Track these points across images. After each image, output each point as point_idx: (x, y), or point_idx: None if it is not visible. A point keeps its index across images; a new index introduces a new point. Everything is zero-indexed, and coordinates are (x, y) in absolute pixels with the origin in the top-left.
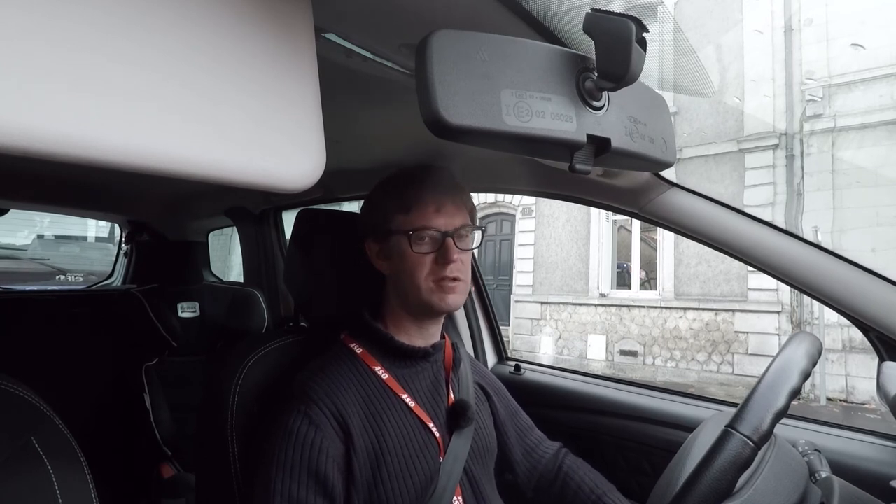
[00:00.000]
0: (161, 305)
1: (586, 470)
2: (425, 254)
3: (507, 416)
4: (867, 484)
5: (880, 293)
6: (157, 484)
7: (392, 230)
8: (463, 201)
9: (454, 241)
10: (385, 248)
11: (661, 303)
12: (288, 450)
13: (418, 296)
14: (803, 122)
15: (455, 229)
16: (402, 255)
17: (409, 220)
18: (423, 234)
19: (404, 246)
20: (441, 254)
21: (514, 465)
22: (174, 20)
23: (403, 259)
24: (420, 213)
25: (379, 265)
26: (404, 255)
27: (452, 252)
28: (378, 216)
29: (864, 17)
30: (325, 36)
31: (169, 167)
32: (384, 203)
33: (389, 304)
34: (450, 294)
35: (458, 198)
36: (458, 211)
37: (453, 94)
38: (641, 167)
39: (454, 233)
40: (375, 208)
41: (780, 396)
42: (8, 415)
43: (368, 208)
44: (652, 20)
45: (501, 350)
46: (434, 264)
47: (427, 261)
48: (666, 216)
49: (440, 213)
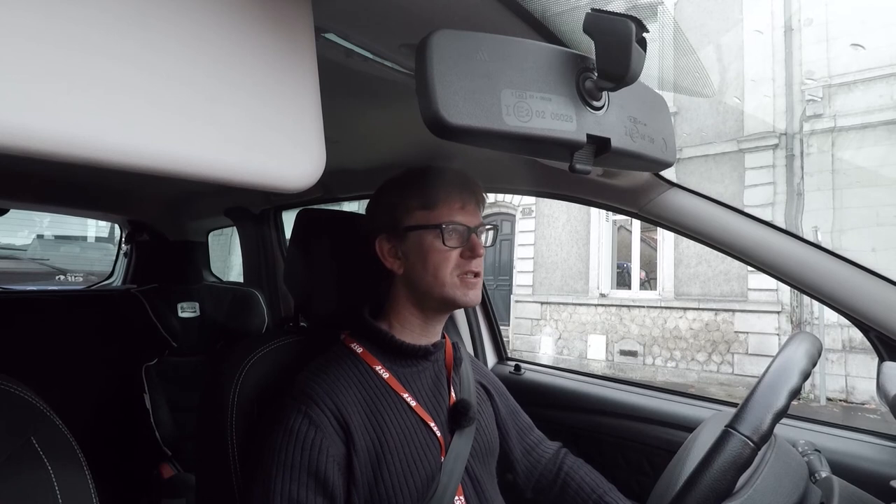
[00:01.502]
0: (161, 305)
1: (587, 470)
2: (453, 248)
3: (507, 415)
4: (867, 484)
5: (880, 293)
6: (157, 484)
7: (412, 226)
8: (481, 202)
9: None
10: (400, 245)
11: (661, 303)
12: (288, 450)
13: (441, 291)
14: (803, 122)
15: (476, 226)
16: (426, 251)
17: (436, 215)
18: (453, 229)
19: (429, 241)
20: (469, 248)
21: (513, 464)
22: (174, 20)
23: (427, 254)
24: (447, 209)
25: (390, 263)
26: (429, 250)
27: (479, 246)
28: (394, 213)
29: (864, 17)
30: (325, 36)
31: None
32: (402, 200)
33: (396, 303)
34: (472, 289)
35: (479, 198)
36: (478, 209)
37: (453, 94)
38: (641, 167)
39: (476, 229)
40: (389, 205)
41: (780, 396)
42: (8, 415)
43: (381, 206)
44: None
45: (501, 350)
46: (459, 259)
47: (453, 256)
48: (666, 216)
49: (464, 210)
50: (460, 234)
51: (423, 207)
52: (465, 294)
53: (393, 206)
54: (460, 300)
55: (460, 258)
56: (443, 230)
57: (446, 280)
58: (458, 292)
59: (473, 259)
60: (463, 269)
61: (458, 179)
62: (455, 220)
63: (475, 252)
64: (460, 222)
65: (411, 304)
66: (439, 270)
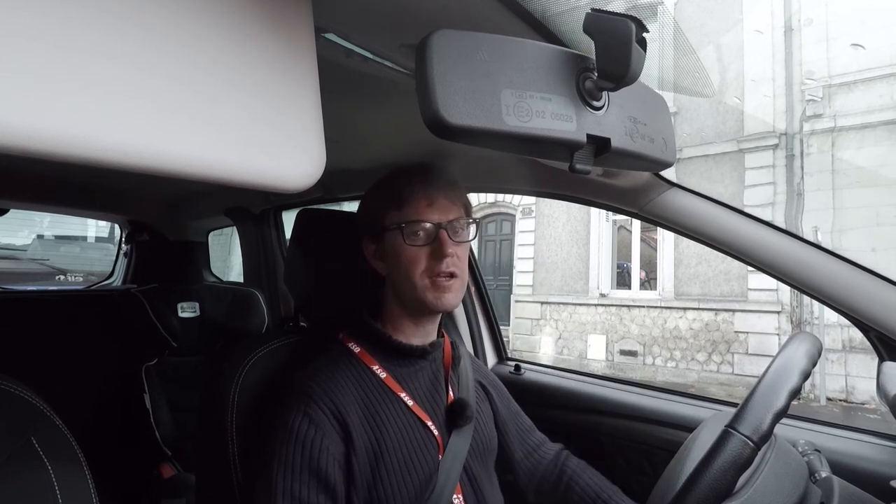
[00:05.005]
0: (161, 305)
1: (590, 473)
2: (419, 247)
3: (508, 415)
4: (867, 484)
5: (880, 293)
6: (157, 484)
7: (385, 227)
8: (456, 196)
9: (448, 233)
10: (380, 247)
11: (661, 303)
12: (289, 449)
13: (413, 294)
14: (803, 122)
15: (448, 222)
16: (397, 252)
17: (402, 214)
18: (416, 227)
19: (398, 241)
20: (435, 247)
21: (514, 465)
22: (174, 20)
23: (398, 256)
24: (412, 208)
25: (375, 265)
26: (399, 251)
27: (447, 245)
28: (372, 216)
29: (864, 17)
30: (325, 36)
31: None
32: (377, 202)
33: (387, 304)
34: (446, 293)
35: (450, 192)
36: (452, 205)
37: (453, 94)
38: (641, 167)
39: (447, 225)
40: (369, 208)
41: (780, 396)
42: (8, 415)
43: (363, 209)
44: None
45: (501, 350)
46: (429, 259)
47: (422, 256)
48: (666, 216)
49: (432, 207)
50: (426, 231)
51: (393, 207)
52: (438, 298)
53: (372, 208)
54: (432, 304)
55: (430, 259)
56: (403, 229)
57: (416, 282)
58: (430, 295)
59: (442, 259)
60: (434, 270)
61: (425, 176)
62: (421, 217)
63: (442, 251)
64: (425, 219)
65: (398, 306)
66: (409, 272)
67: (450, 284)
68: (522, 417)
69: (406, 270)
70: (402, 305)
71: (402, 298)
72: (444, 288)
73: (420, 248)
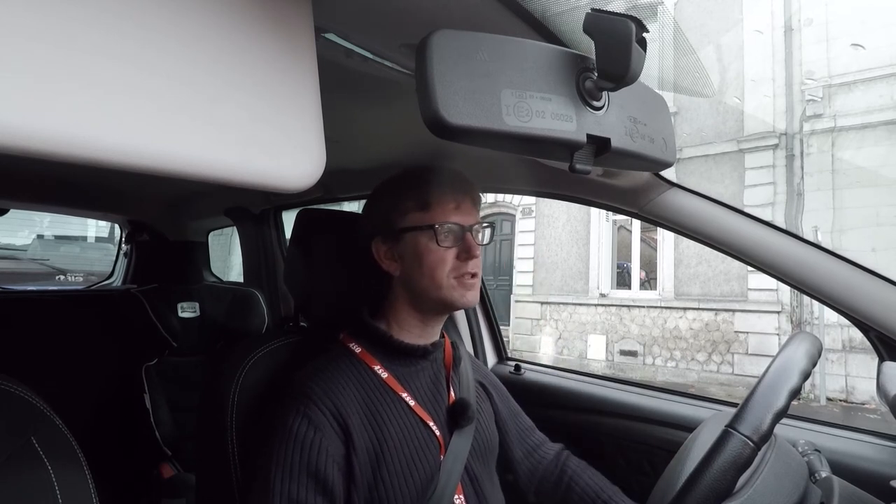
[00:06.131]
0: (161, 305)
1: (591, 473)
2: (448, 248)
3: (508, 415)
4: (867, 484)
5: (880, 293)
6: (157, 484)
7: (407, 228)
8: (478, 199)
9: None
10: (395, 247)
11: (661, 303)
12: (288, 450)
13: (438, 293)
14: (803, 122)
15: (473, 225)
16: (421, 253)
17: (430, 216)
18: (448, 229)
19: (422, 242)
20: (463, 248)
21: (514, 465)
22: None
23: (423, 256)
24: (441, 210)
25: (387, 265)
26: (423, 251)
27: (475, 247)
28: (389, 216)
29: (864, 17)
30: (325, 36)
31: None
32: (396, 202)
33: (394, 303)
34: (470, 290)
35: (474, 196)
36: (474, 209)
37: (453, 94)
38: (641, 167)
39: (472, 228)
40: (385, 208)
41: (780, 396)
42: (8, 415)
43: (374, 209)
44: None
45: (501, 350)
46: (455, 260)
47: (448, 257)
48: (666, 216)
49: (459, 209)
50: (455, 233)
51: (418, 209)
52: (463, 295)
53: (388, 208)
54: (458, 302)
55: (457, 259)
56: (437, 231)
57: (443, 282)
58: (456, 294)
59: (470, 260)
60: (459, 270)
61: (452, 179)
62: (449, 220)
63: (470, 252)
64: (455, 222)
65: (409, 305)
66: (435, 272)
67: (473, 283)
68: (522, 417)
69: (431, 270)
70: (414, 305)
71: (418, 297)
72: (469, 286)
73: (448, 249)
